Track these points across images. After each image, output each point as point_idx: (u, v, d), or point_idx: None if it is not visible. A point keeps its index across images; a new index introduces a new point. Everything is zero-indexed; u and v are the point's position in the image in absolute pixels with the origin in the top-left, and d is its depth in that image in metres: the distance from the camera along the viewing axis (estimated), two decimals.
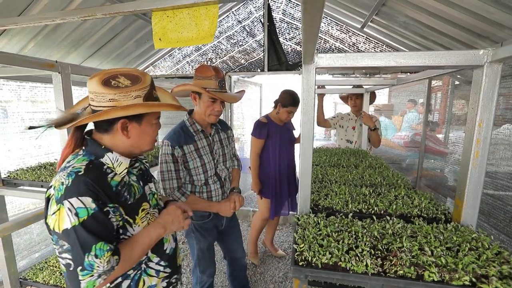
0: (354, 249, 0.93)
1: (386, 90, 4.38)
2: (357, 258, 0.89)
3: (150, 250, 0.90)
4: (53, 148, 2.58)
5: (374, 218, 1.16)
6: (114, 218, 0.77)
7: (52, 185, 0.75)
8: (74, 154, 0.83)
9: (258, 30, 3.10)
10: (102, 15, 1.17)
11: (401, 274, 0.84)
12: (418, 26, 2.16)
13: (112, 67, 1.96)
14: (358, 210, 1.26)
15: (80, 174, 0.73)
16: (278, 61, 3.07)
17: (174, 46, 1.47)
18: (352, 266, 0.86)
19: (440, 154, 2.55)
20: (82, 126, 0.84)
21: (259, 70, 3.18)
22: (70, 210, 0.69)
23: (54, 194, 0.72)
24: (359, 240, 0.99)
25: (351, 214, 1.20)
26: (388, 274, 0.84)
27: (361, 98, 2.66)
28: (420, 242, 0.96)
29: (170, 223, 0.92)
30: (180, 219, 0.95)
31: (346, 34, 2.95)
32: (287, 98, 2.13)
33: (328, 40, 3.00)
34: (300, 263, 0.90)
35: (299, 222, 1.15)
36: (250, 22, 3.11)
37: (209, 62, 3.33)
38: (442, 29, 1.99)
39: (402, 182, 1.63)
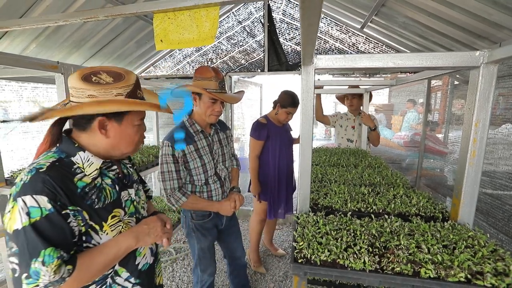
0: (352, 246, 0.95)
1: (386, 90, 4.39)
2: (355, 256, 0.90)
3: (118, 263, 0.80)
4: None
5: (373, 216, 1.17)
6: (75, 222, 0.69)
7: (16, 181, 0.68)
8: (47, 150, 0.77)
9: (258, 30, 3.12)
10: (105, 17, 1.19)
11: (398, 271, 0.85)
12: (418, 27, 2.17)
13: None
14: (357, 209, 1.28)
15: (41, 171, 0.66)
16: (278, 61, 3.08)
17: (175, 48, 1.49)
18: (350, 263, 0.88)
19: (439, 153, 2.56)
20: (61, 123, 0.79)
21: (259, 70, 3.20)
22: (22, 208, 0.62)
23: (13, 190, 0.66)
24: (357, 238, 1.00)
25: (350, 213, 1.22)
26: (385, 271, 0.86)
27: (357, 98, 2.66)
28: (417, 240, 0.98)
29: (145, 235, 0.82)
30: (158, 231, 0.85)
31: (345, 34, 2.96)
32: (286, 99, 2.10)
33: (328, 40, 3.01)
34: (299, 261, 0.92)
35: (299, 221, 1.17)
36: (250, 22, 3.13)
37: (209, 63, 3.35)
38: (442, 29, 2.00)
39: (401, 182, 1.64)
